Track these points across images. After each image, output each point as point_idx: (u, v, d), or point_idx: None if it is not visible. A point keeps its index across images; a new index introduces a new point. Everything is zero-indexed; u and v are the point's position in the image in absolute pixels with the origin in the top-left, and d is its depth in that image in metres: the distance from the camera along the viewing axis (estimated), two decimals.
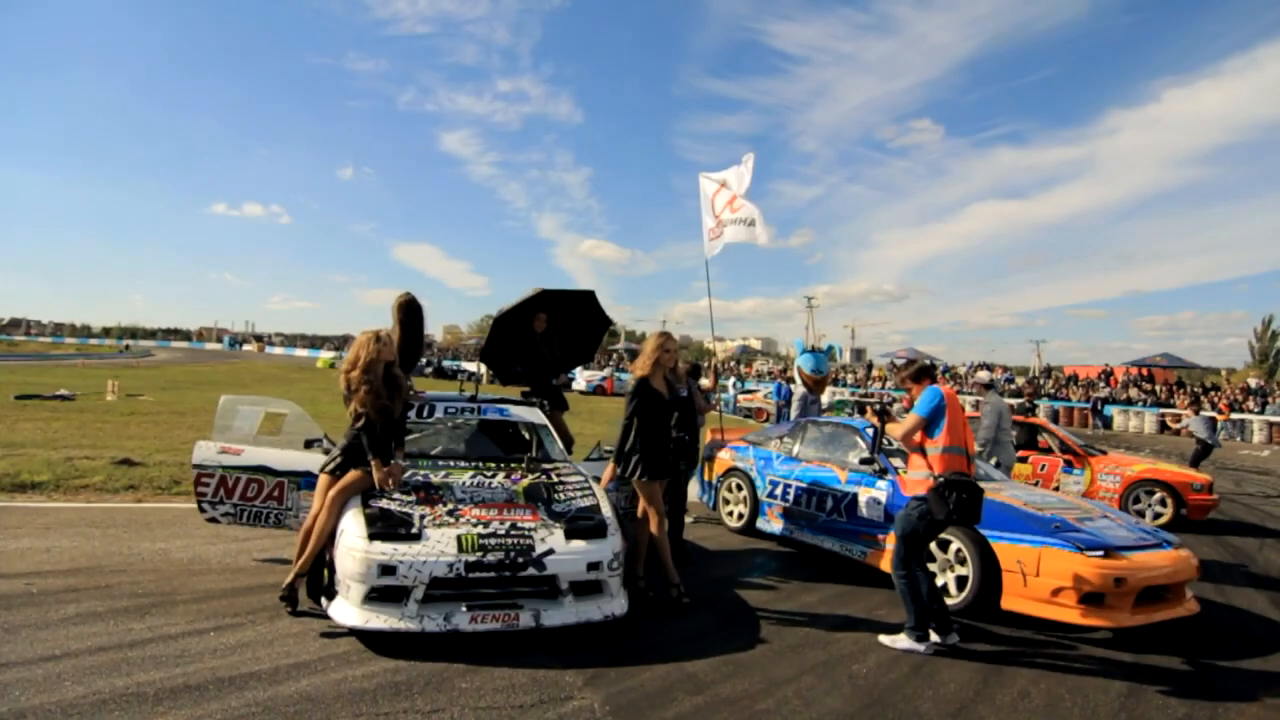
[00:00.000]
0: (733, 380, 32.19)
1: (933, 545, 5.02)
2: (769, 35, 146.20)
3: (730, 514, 7.02)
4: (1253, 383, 28.12)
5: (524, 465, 4.98)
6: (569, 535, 3.98)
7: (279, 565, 4.99)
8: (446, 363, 47.48)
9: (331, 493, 4.00)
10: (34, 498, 6.51)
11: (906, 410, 4.86)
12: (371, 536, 3.69)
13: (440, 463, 4.89)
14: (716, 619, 4.48)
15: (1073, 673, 3.93)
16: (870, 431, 5.61)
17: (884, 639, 4.27)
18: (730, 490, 7.11)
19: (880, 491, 5.60)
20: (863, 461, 5.84)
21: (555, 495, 4.48)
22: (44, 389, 18.30)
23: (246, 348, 78.62)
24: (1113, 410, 27.65)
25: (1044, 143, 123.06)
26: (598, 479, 4.90)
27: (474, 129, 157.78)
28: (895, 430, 4.41)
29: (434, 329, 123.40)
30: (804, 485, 6.29)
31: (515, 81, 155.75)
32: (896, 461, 5.77)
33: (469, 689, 3.25)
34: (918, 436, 4.29)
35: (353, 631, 3.71)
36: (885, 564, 5.41)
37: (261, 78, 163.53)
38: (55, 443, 9.63)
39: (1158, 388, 28.56)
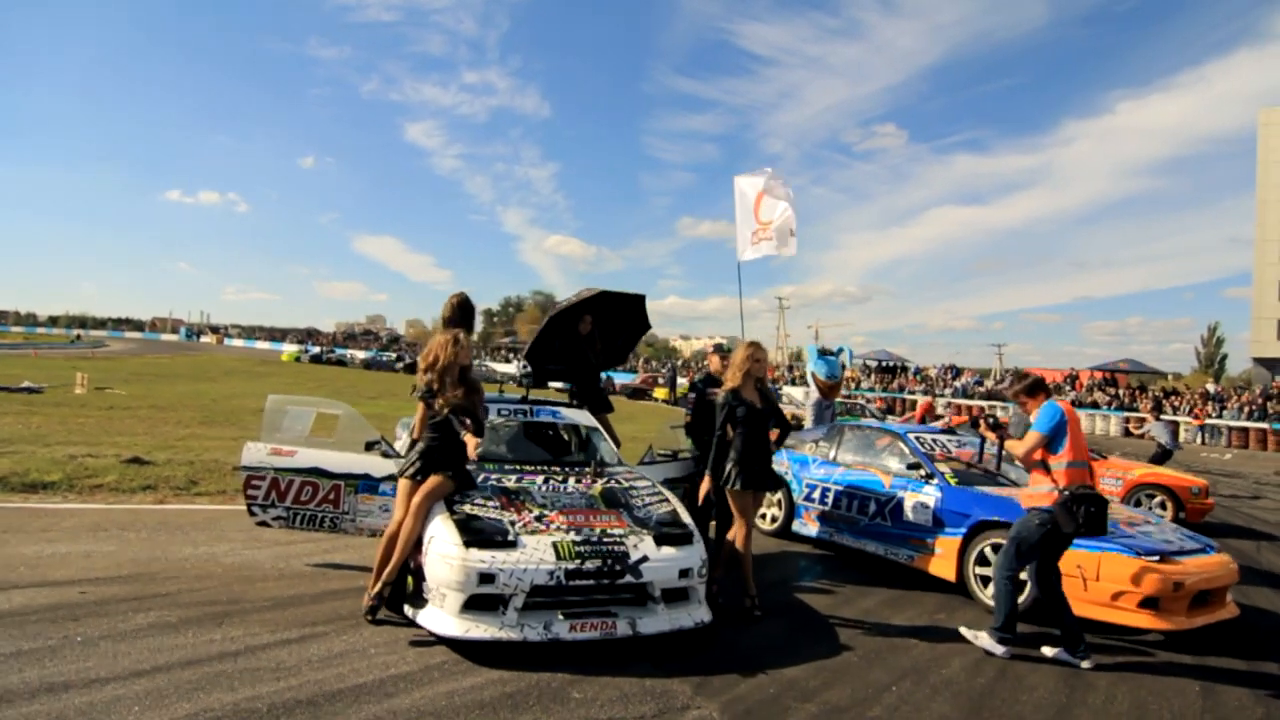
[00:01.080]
0: None
1: (988, 549, 5.13)
2: (739, 36, 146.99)
3: (763, 516, 7.05)
4: (1210, 388, 29.35)
5: (591, 470, 4.92)
6: (659, 542, 3.95)
7: (333, 571, 4.86)
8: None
9: (417, 499, 3.90)
10: (48, 498, 6.22)
11: (996, 424, 4.89)
12: (467, 544, 3.62)
13: (507, 466, 4.81)
14: (788, 625, 4.50)
15: (1147, 674, 4.05)
16: (981, 444, 5.58)
17: (965, 631, 4.40)
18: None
19: (928, 496, 5.68)
20: (910, 467, 5.91)
21: (632, 501, 4.44)
22: (4, 380, 17.50)
23: (204, 339, 76.35)
24: (1080, 414, 28.51)
25: (1003, 151, 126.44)
26: (663, 483, 4.88)
27: (439, 120, 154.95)
28: (1017, 448, 4.37)
29: (397, 324, 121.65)
30: (844, 489, 6.35)
31: (482, 73, 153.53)
32: (942, 466, 5.88)
33: (583, 699, 3.21)
34: (1039, 452, 4.30)
35: (441, 640, 3.63)
36: (934, 568, 5.50)
37: (219, 62, 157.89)
38: (45, 439, 9.23)
39: (1120, 392, 29.59)
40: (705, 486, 4.86)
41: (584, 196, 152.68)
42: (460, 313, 5.23)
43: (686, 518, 4.33)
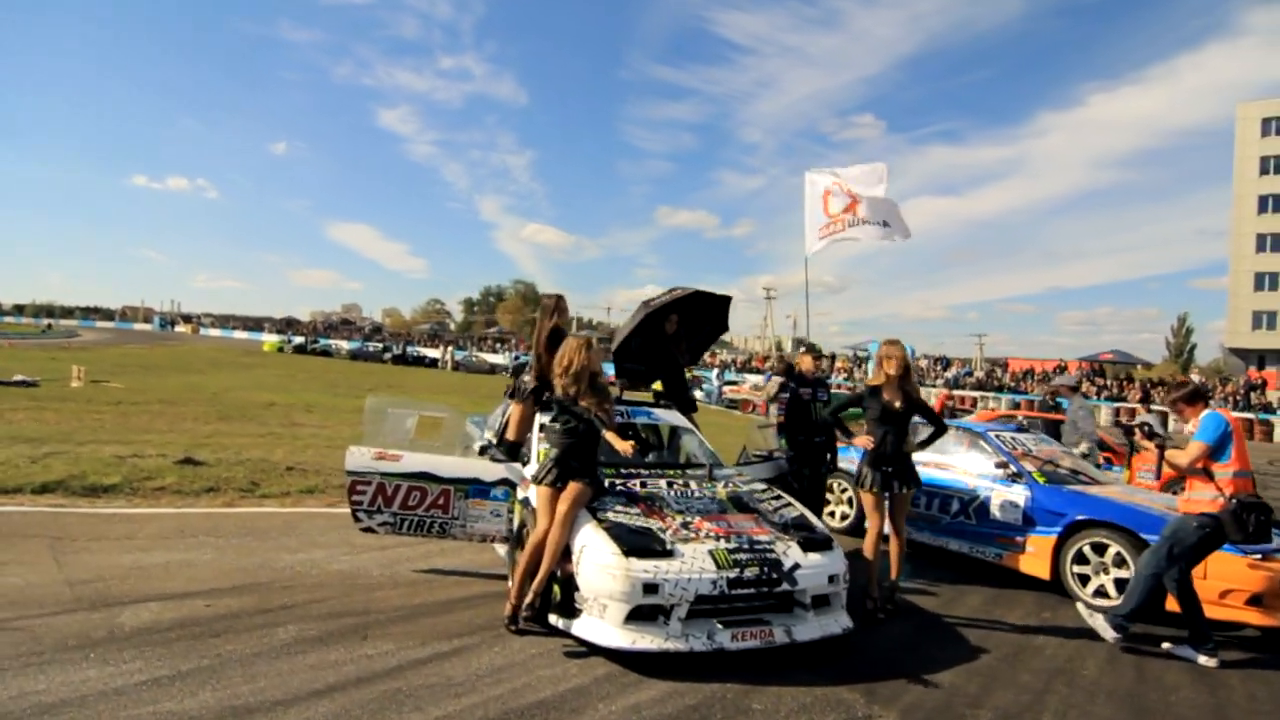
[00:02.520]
0: (715, 371, 32.36)
1: (1087, 548, 5.19)
2: (717, 24, 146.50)
3: (833, 514, 7.06)
4: (1195, 379, 30.08)
5: (706, 472, 4.87)
6: (804, 547, 3.92)
7: (445, 578, 4.76)
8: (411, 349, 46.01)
9: (564, 507, 3.82)
10: (113, 502, 6.01)
11: (1153, 433, 4.94)
12: (627, 553, 3.55)
13: (622, 471, 4.74)
14: (910, 627, 4.51)
15: (1272, 670, 4.13)
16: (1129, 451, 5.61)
17: (1082, 609, 4.58)
18: (830, 491, 7.14)
19: (1017, 495, 5.72)
20: (997, 466, 5.95)
21: (761, 505, 4.41)
22: None
23: (179, 329, 74.52)
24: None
25: (978, 142, 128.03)
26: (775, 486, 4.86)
27: (414, 106, 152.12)
28: (1179, 458, 4.38)
29: (373, 312, 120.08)
30: (922, 487, 6.36)
31: (457, 59, 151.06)
32: (1028, 465, 5.93)
33: (765, 710, 3.18)
34: (1202, 462, 4.30)
35: (597, 651, 3.57)
36: (1026, 565, 5.55)
37: (185, 44, 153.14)
38: (72, 437, 8.91)
39: (1109, 382, 30.24)
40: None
41: (561, 184, 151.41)
42: (555, 313, 5.18)
43: (818, 521, 4.32)
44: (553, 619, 3.79)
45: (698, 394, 29.00)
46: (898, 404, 4.81)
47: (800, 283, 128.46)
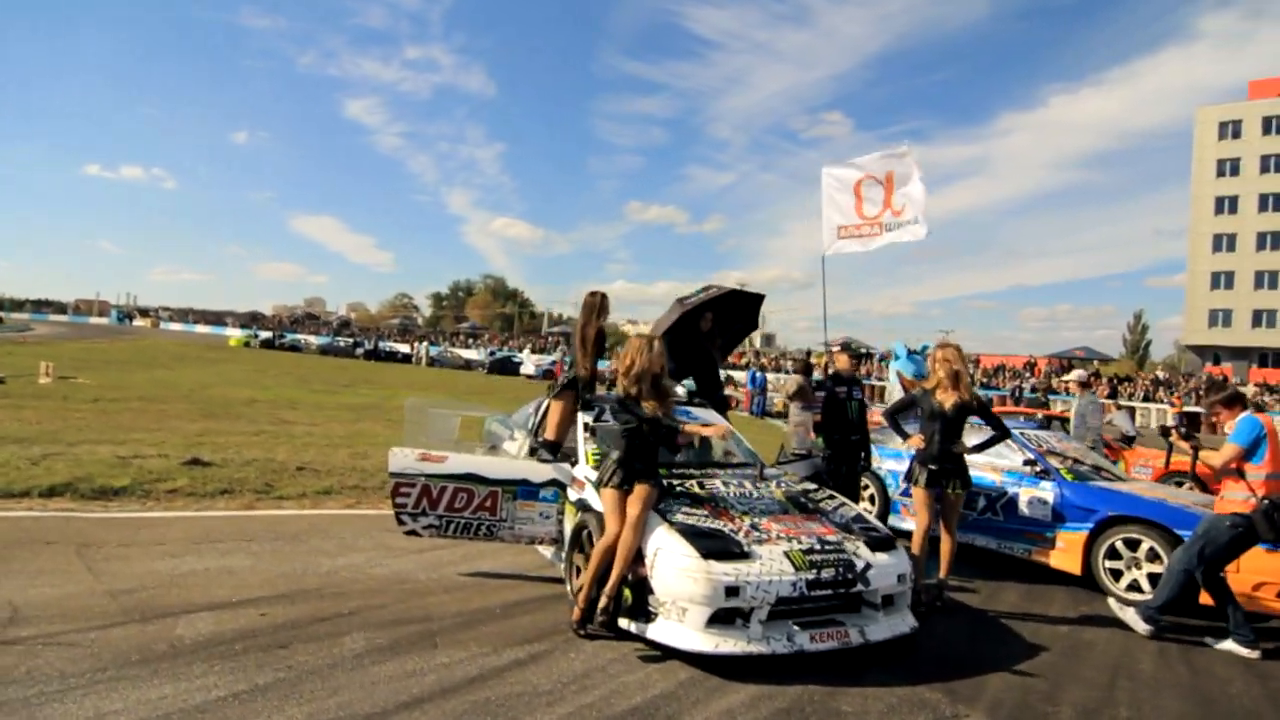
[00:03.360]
0: None
1: (1120, 543, 5.30)
2: (687, 18, 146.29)
3: None
4: (1161, 375, 31.12)
5: (757, 472, 4.85)
6: (870, 547, 3.93)
7: (494, 580, 4.68)
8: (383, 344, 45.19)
9: (635, 510, 3.76)
10: (126, 505, 5.78)
11: (1189, 434, 5.07)
12: (706, 555, 3.52)
13: (675, 471, 4.69)
14: (965, 624, 4.56)
15: None
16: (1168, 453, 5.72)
17: (1114, 604, 4.81)
18: None
19: (1045, 492, 5.82)
20: (1026, 463, 6.04)
21: (820, 504, 4.41)
22: None
23: (137, 322, 72.16)
24: (1052, 400, 29.85)
25: (943, 141, 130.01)
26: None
27: (380, 97, 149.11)
28: (1214, 459, 4.53)
29: (338, 306, 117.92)
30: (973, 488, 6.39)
31: (425, 49, 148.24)
32: (1055, 462, 6.03)
33: (855, 712, 3.18)
34: (1235, 464, 4.44)
35: (675, 654, 3.53)
36: (1056, 561, 5.65)
37: (140, 28, 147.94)
38: (60, 437, 8.55)
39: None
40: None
41: (531, 178, 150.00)
42: (600, 313, 5.12)
43: (876, 520, 4.33)
44: (624, 623, 3.73)
45: (679, 390, 29.20)
46: (947, 405, 4.86)
47: (770, 278, 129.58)
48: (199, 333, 64.60)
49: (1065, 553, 5.61)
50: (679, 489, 4.30)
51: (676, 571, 3.52)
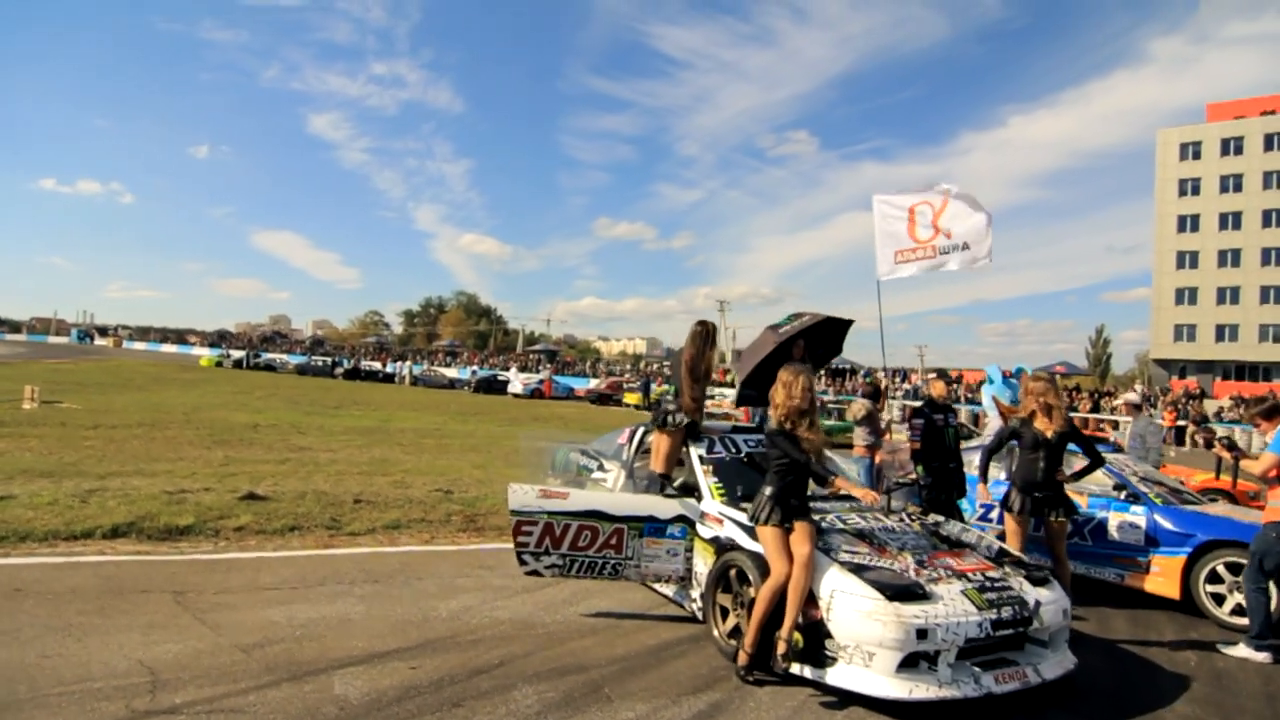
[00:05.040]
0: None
1: (1221, 567, 5.34)
2: (654, 37, 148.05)
3: None
4: (1139, 388, 31.97)
5: (885, 504, 4.76)
6: (1031, 583, 3.86)
7: (620, 622, 4.50)
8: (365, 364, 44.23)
9: (805, 549, 3.64)
10: (199, 545, 5.46)
11: (1232, 445, 5.16)
12: (892, 598, 3.41)
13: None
14: (1096, 654, 4.49)
15: None
16: (1219, 463, 5.80)
17: (1224, 649, 4.64)
18: None
19: (1137, 517, 5.84)
20: (1115, 488, 6.06)
21: (965, 538, 4.34)
22: None
23: (99, 342, 69.69)
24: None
25: (906, 159, 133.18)
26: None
27: (345, 112, 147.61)
28: (1253, 467, 4.71)
29: (303, 324, 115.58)
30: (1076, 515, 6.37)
31: (391, 65, 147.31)
32: (1143, 487, 6.07)
33: None
34: (1274, 471, 4.57)
35: (849, 699, 3.42)
36: (1152, 586, 5.66)
37: (99, 40, 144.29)
38: (83, 469, 8.12)
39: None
40: (981, 495, 4.92)
41: (499, 194, 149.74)
42: (707, 341, 5.03)
43: (1020, 554, 4.28)
44: (796, 668, 3.60)
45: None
46: (1049, 433, 4.89)
47: (739, 294, 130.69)
48: (166, 352, 62.63)
49: (1162, 577, 5.62)
50: (824, 524, 4.19)
51: (860, 615, 3.41)
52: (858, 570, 3.61)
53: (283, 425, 15.44)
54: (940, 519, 4.67)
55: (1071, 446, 5.16)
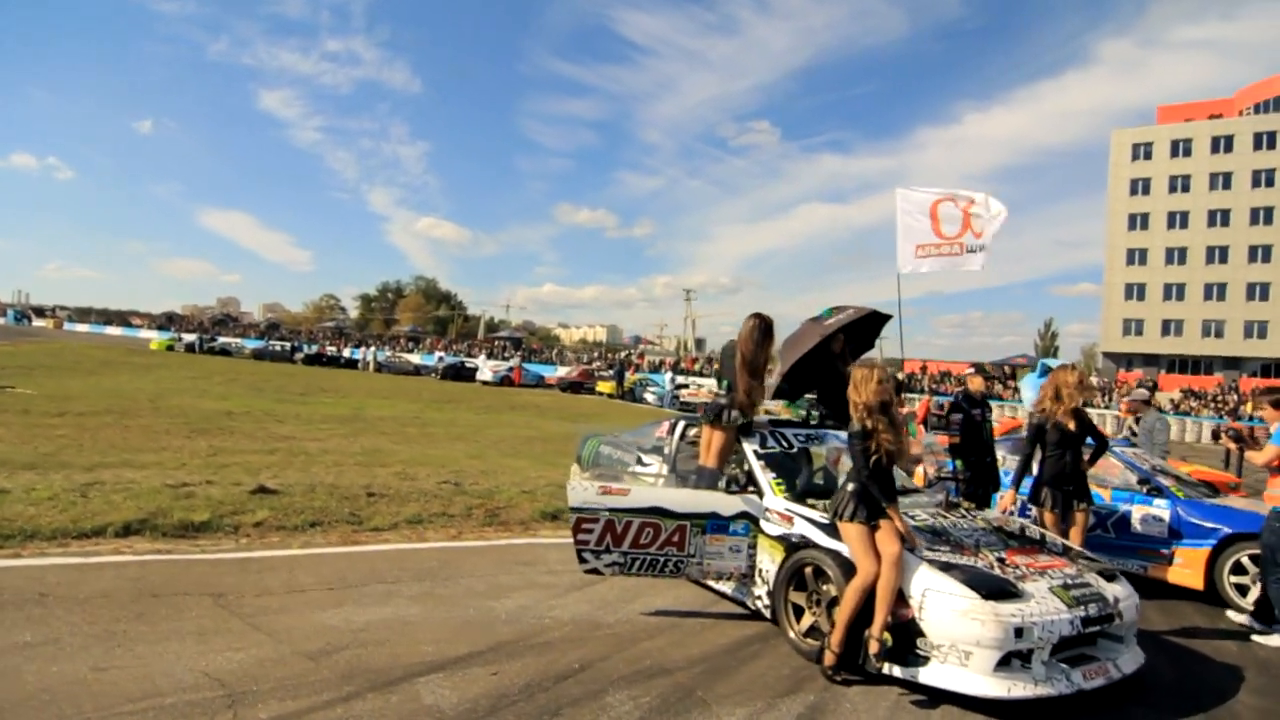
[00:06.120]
0: (669, 375, 32.32)
1: (1245, 559, 5.50)
2: (617, 22, 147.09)
3: None
4: (1095, 381, 33.13)
5: (943, 499, 4.76)
6: (1104, 579, 3.90)
7: (682, 620, 4.41)
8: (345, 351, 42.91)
9: (896, 547, 3.59)
10: (220, 543, 5.17)
11: (1238, 436, 5.32)
12: (987, 596, 3.39)
13: None
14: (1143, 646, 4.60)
15: None
16: (1227, 456, 5.99)
17: (1258, 639, 4.81)
18: None
19: (1160, 510, 5.99)
20: (1139, 482, 6.20)
21: (1029, 534, 4.36)
22: None
23: (38, 323, 66.31)
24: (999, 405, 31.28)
25: (864, 153, 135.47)
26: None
27: (298, 89, 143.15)
28: (1258, 458, 4.87)
29: (253, 307, 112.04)
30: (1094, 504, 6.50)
31: (346, 42, 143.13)
32: (1166, 481, 6.22)
33: None
34: (1277, 461, 4.77)
35: (939, 698, 3.40)
36: (1176, 577, 5.82)
37: (35, 7, 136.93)
38: (62, 460, 7.65)
39: (1020, 386, 32.74)
40: (1005, 503, 4.99)
41: (457, 178, 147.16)
42: (768, 336, 4.93)
43: (1079, 549, 4.33)
44: (886, 667, 3.56)
45: (649, 397, 29.00)
46: (1072, 426, 5.00)
47: (698, 283, 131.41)
48: (110, 335, 59.93)
49: (1186, 568, 5.78)
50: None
51: (956, 614, 3.38)
52: (946, 568, 3.59)
53: (256, 413, 14.87)
54: (996, 514, 4.69)
55: None
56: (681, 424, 5.66)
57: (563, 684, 3.36)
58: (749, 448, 4.85)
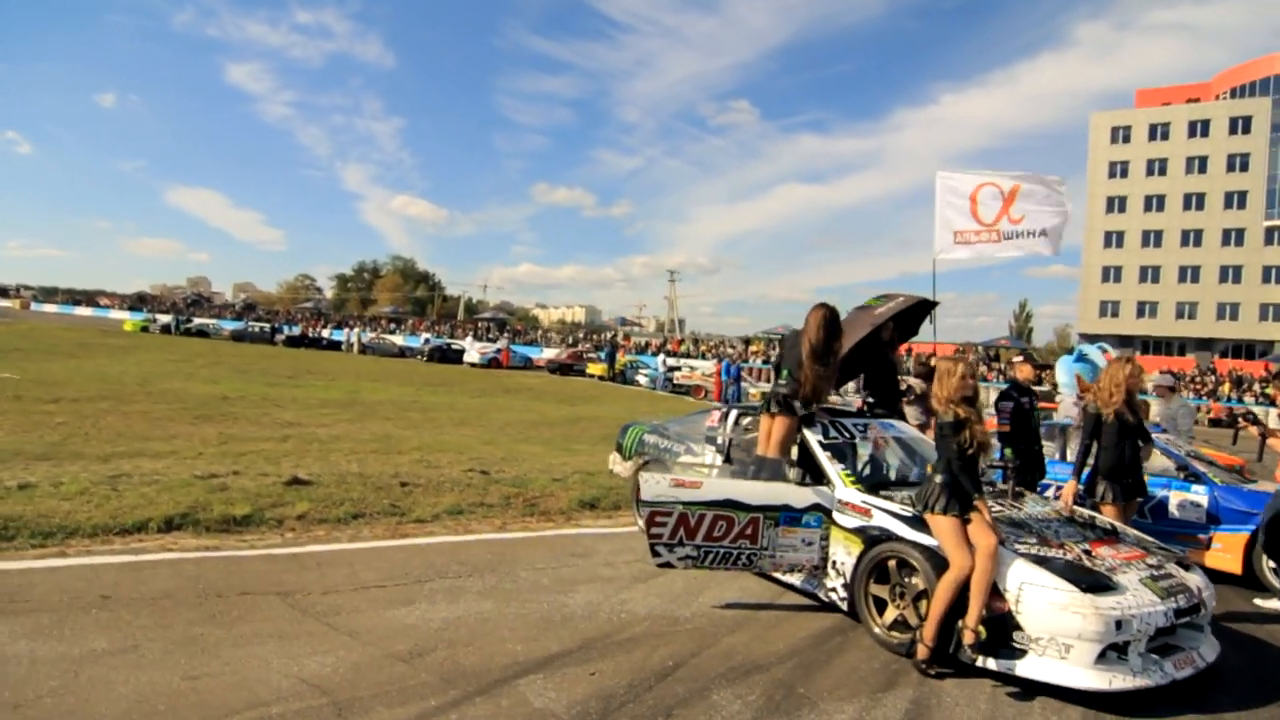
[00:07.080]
0: (661, 358, 32.24)
1: None
2: None
3: None
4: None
5: (1009, 490, 4.77)
6: (1181, 568, 3.93)
7: (756, 613, 4.38)
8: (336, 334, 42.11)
9: (991, 539, 3.57)
10: (267, 537, 5.03)
11: (1257, 420, 5.46)
12: (1085, 589, 3.39)
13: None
14: None
15: None
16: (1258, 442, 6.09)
17: (1259, 600, 5.13)
18: None
19: (1199, 495, 6.08)
20: (1178, 468, 6.28)
21: (1098, 524, 4.38)
22: None
23: (4, 303, 64.23)
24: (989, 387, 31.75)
25: (842, 133, 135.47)
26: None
27: (267, 63, 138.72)
28: (1277, 444, 4.98)
29: (224, 287, 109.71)
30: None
31: (317, 14, 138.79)
32: (1202, 467, 6.31)
33: None
34: None
35: (1032, 689, 3.41)
36: (1214, 561, 5.92)
37: None
38: (75, 450, 7.40)
39: (1004, 366, 33.24)
40: (1069, 494, 5.01)
41: (432, 155, 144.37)
42: (835, 325, 4.85)
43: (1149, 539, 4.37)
44: (980, 660, 3.56)
45: (640, 379, 28.92)
46: (1130, 418, 5.00)
47: (676, 263, 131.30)
48: (80, 315, 58.34)
49: (1224, 553, 5.88)
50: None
51: (1055, 607, 3.38)
52: (1040, 561, 3.59)
53: (252, 397, 14.57)
54: (1072, 506, 4.71)
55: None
56: (734, 413, 5.60)
57: (664, 683, 3.31)
58: (813, 438, 4.80)
